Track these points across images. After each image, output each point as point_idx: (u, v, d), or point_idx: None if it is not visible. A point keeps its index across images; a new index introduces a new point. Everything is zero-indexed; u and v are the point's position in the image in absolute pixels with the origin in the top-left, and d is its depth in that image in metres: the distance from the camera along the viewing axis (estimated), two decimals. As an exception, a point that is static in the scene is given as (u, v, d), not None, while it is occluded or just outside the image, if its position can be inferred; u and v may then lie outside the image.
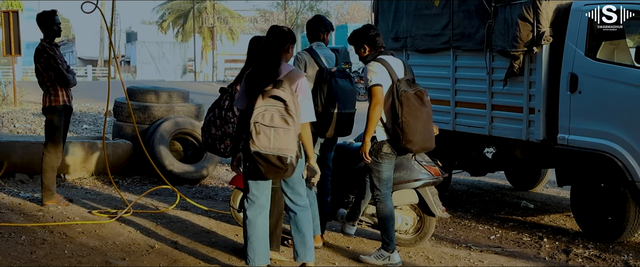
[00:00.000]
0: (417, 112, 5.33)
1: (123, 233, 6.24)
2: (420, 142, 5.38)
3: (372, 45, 5.59)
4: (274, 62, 4.80)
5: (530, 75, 7.08)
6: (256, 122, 4.54)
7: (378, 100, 5.34)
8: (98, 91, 24.56)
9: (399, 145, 5.38)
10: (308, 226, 5.00)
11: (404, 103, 5.30)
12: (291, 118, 4.57)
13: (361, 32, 5.64)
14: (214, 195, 8.47)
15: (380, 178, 5.54)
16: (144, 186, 8.69)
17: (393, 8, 8.94)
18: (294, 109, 4.60)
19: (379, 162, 5.50)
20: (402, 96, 5.31)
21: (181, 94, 9.96)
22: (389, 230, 5.57)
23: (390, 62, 5.49)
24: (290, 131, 4.55)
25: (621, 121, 6.33)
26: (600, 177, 6.59)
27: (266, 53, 4.85)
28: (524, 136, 7.18)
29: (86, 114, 16.68)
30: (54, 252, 5.56)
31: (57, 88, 6.92)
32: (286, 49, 4.89)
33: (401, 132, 5.31)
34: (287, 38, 4.89)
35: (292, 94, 4.65)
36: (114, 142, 9.18)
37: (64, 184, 8.43)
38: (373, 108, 5.35)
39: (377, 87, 5.37)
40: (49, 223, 6.36)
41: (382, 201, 5.57)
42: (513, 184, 9.55)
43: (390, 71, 5.41)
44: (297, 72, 4.84)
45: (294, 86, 4.72)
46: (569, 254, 6.32)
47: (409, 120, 5.29)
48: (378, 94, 5.35)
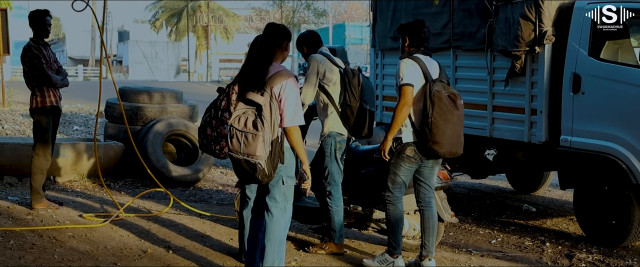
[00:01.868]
0: (448, 114, 5.21)
1: (115, 237, 6.22)
2: (448, 145, 5.25)
3: (413, 41, 5.47)
4: (264, 63, 4.77)
5: (532, 76, 7.09)
6: (232, 126, 4.59)
7: (406, 100, 5.27)
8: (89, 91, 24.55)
9: (425, 146, 5.26)
10: (273, 234, 4.86)
11: (435, 103, 5.19)
12: (262, 123, 4.54)
13: (412, 26, 5.52)
14: (208, 198, 8.46)
15: (395, 180, 5.45)
16: (136, 188, 8.67)
17: (392, 7, 8.95)
18: (267, 114, 4.57)
19: (399, 164, 5.41)
20: (434, 96, 5.21)
21: (174, 94, 9.95)
22: (396, 234, 5.51)
23: (426, 62, 5.41)
24: (259, 137, 4.51)
25: (625, 123, 6.33)
26: (604, 180, 6.59)
27: (260, 52, 4.84)
28: (525, 138, 7.19)
29: (77, 115, 16.66)
30: (43, 257, 5.54)
31: (44, 89, 6.91)
32: (283, 46, 4.88)
33: (429, 133, 5.20)
34: (284, 35, 4.88)
35: (271, 98, 4.61)
36: (105, 144, 9.16)
37: (54, 187, 8.41)
38: (400, 108, 5.28)
39: (407, 86, 5.28)
40: (38, 227, 6.34)
41: (393, 202, 5.49)
42: (514, 187, 9.56)
43: (424, 70, 5.34)
44: (283, 73, 4.71)
45: (277, 88, 4.64)
46: (572, 259, 6.32)
47: (439, 122, 5.18)
48: (407, 94, 5.27)
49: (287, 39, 4.89)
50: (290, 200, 4.92)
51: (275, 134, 4.61)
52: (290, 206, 4.92)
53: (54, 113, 7.00)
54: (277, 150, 4.64)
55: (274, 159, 4.64)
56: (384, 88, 9.25)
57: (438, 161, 5.52)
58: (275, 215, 4.87)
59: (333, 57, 5.94)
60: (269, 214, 4.89)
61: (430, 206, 5.53)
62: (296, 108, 4.69)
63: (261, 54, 4.80)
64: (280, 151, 4.68)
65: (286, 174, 4.82)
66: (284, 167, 4.80)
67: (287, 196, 4.88)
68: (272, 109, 4.59)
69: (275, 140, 4.62)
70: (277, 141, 4.64)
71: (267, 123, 4.55)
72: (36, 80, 6.89)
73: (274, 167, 4.65)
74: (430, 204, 5.54)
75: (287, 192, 4.88)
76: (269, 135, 4.56)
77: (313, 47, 6.04)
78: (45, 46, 7.06)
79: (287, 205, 4.89)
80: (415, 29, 5.49)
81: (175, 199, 7.58)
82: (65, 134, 13.28)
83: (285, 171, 4.82)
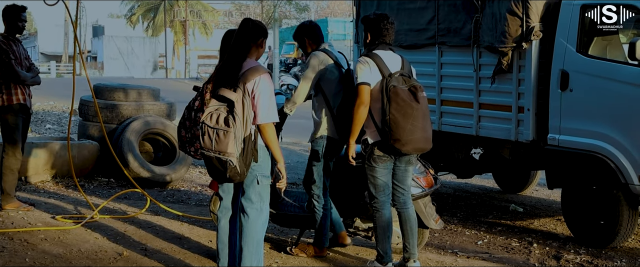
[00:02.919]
0: (407, 109, 5.10)
1: (89, 240, 6.19)
2: (411, 142, 5.14)
3: (374, 35, 5.40)
4: (238, 59, 4.78)
5: (519, 73, 7.12)
6: (203, 123, 4.62)
7: (362, 100, 5.21)
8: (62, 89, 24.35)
9: (388, 144, 5.19)
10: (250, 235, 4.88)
11: (392, 99, 5.11)
12: (233, 120, 4.56)
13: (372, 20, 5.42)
14: (186, 199, 8.43)
15: (375, 184, 5.36)
16: (112, 189, 8.63)
17: (375, 2, 8.96)
18: (239, 110, 4.58)
19: (373, 166, 5.33)
20: (390, 92, 5.12)
21: (151, 91, 9.90)
22: (384, 242, 5.41)
23: (384, 57, 5.32)
24: (230, 134, 4.53)
25: (614, 121, 6.38)
26: (592, 180, 6.64)
27: (235, 48, 4.84)
28: (512, 136, 7.23)
29: (49, 113, 16.55)
30: (14, 261, 5.50)
31: (11, 86, 6.85)
32: (259, 43, 4.87)
33: (389, 131, 5.11)
34: (260, 32, 4.87)
35: (244, 94, 4.62)
36: (79, 143, 9.11)
37: (26, 188, 8.35)
38: (356, 108, 5.23)
39: (362, 85, 5.22)
40: (9, 229, 6.29)
41: (379, 209, 5.39)
42: (501, 186, 9.61)
43: (381, 66, 5.25)
44: (257, 69, 4.72)
45: (250, 84, 4.65)
46: (559, 260, 6.36)
47: (397, 118, 5.08)
48: (363, 93, 5.21)
49: (263, 36, 4.89)
50: (266, 200, 4.91)
51: (248, 131, 4.62)
52: (266, 206, 4.92)
53: (22, 112, 6.94)
54: (249, 148, 4.65)
55: (247, 157, 4.64)
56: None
57: (410, 160, 5.45)
58: (251, 216, 4.87)
59: (337, 57, 5.86)
60: (245, 216, 4.90)
61: (406, 207, 5.49)
62: (270, 105, 4.70)
63: (235, 50, 4.81)
64: (253, 149, 4.69)
65: (261, 174, 4.82)
66: (258, 166, 4.80)
67: (262, 196, 4.88)
68: (245, 106, 4.61)
69: (248, 137, 4.63)
70: (250, 138, 4.65)
71: (239, 120, 4.57)
72: (4, 77, 6.83)
73: (247, 166, 4.66)
74: (407, 205, 5.50)
75: (263, 192, 4.88)
76: (240, 132, 4.58)
77: (316, 40, 5.93)
78: (15, 42, 7.00)
79: (263, 205, 4.89)
80: (375, 23, 5.40)
81: (152, 200, 7.55)
82: (38, 133, 13.18)
83: (260, 170, 4.82)
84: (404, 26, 8.41)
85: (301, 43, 6.02)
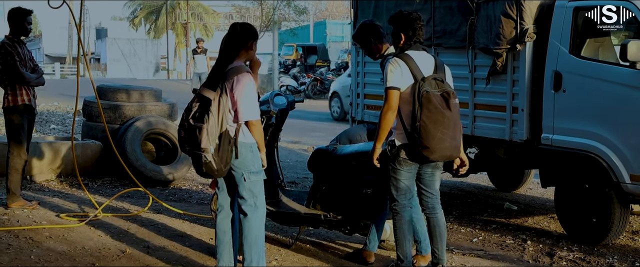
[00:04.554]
0: (438, 115, 4.86)
1: (93, 237, 6.18)
2: (440, 149, 4.91)
3: (407, 36, 5.14)
4: (224, 62, 4.84)
5: (513, 74, 7.12)
6: (186, 120, 4.75)
7: (391, 105, 4.94)
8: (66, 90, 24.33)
9: (416, 151, 4.96)
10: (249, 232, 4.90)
11: (423, 105, 4.84)
12: (207, 117, 4.64)
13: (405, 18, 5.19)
14: (187, 197, 8.42)
15: (397, 187, 5.14)
16: (115, 188, 8.62)
17: (372, 5, 8.96)
18: (215, 108, 4.67)
19: (397, 168, 5.10)
20: (423, 97, 4.85)
21: (153, 92, 9.90)
22: (404, 245, 5.20)
23: (417, 58, 5.04)
24: (204, 129, 4.63)
25: (606, 120, 6.38)
26: (584, 178, 6.64)
27: (223, 52, 4.91)
28: (507, 136, 7.23)
29: (54, 114, 16.52)
30: (19, 258, 5.50)
31: (16, 87, 6.85)
32: (248, 46, 4.90)
33: (418, 137, 4.86)
34: (249, 35, 4.90)
35: (222, 92, 4.71)
36: (83, 143, 9.10)
37: (31, 186, 8.34)
38: (384, 113, 4.97)
39: (391, 90, 4.95)
40: (14, 227, 6.28)
41: (399, 212, 5.18)
42: (496, 185, 9.61)
43: (413, 69, 4.97)
44: (237, 69, 4.78)
45: (230, 83, 4.73)
46: (553, 257, 6.36)
47: (428, 125, 4.83)
48: (392, 98, 4.94)
49: (252, 38, 4.92)
50: (259, 195, 4.93)
51: (224, 128, 4.69)
52: (260, 201, 4.94)
53: (27, 112, 6.94)
54: (225, 144, 4.70)
55: (222, 154, 4.70)
56: (364, 86, 9.25)
57: (437, 165, 5.25)
58: (247, 213, 4.92)
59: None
60: (242, 215, 4.95)
61: (435, 212, 5.31)
62: (250, 102, 4.76)
63: (223, 54, 4.90)
64: (230, 146, 4.73)
65: (246, 170, 4.86)
66: (242, 164, 4.84)
67: (254, 192, 4.91)
68: (221, 104, 4.70)
69: (225, 134, 4.70)
70: (227, 135, 4.71)
71: (213, 117, 4.65)
72: (9, 79, 6.84)
73: (224, 162, 4.72)
74: (436, 210, 5.31)
75: (254, 188, 4.90)
76: (214, 128, 4.65)
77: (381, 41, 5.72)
78: (20, 44, 7.00)
79: (257, 201, 4.92)
80: (408, 21, 5.15)
81: (155, 198, 7.55)
82: (42, 133, 13.16)
83: (244, 167, 4.86)
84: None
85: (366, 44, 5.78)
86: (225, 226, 5.10)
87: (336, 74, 26.36)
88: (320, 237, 6.62)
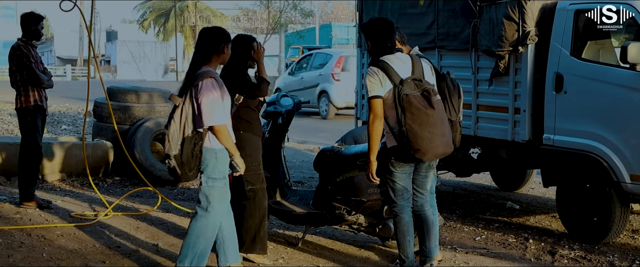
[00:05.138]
0: (422, 116, 4.83)
1: (103, 236, 6.21)
2: (431, 148, 4.88)
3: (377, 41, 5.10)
4: (194, 68, 4.85)
5: (515, 75, 7.12)
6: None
7: (376, 114, 4.91)
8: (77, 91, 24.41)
9: (408, 154, 4.94)
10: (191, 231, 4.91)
11: (406, 109, 4.82)
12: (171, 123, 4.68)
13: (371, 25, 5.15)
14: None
15: (394, 189, 5.12)
16: (125, 187, 8.65)
17: (377, 7, 8.97)
18: (177, 115, 4.68)
19: (392, 171, 5.08)
20: (403, 101, 4.83)
21: (162, 94, 9.92)
22: (405, 246, 5.16)
23: (393, 63, 5.00)
24: (166, 136, 4.68)
25: (606, 121, 6.38)
26: (585, 178, 6.64)
27: (193, 58, 4.92)
28: (509, 136, 7.22)
29: (65, 115, 16.58)
30: (31, 256, 5.52)
31: (28, 88, 6.90)
32: (220, 50, 4.88)
33: (407, 141, 4.85)
34: (221, 39, 4.89)
35: (186, 98, 4.72)
36: (93, 143, 9.13)
37: (43, 186, 8.38)
38: (371, 123, 4.93)
39: (373, 99, 4.92)
40: (27, 226, 6.31)
41: (398, 213, 5.15)
42: (498, 184, 9.60)
43: (391, 74, 4.93)
44: (203, 75, 4.75)
45: (195, 89, 4.71)
46: (554, 255, 6.36)
47: (414, 128, 4.81)
48: (376, 107, 4.91)
49: (223, 42, 4.89)
50: (213, 202, 4.86)
51: (187, 133, 4.67)
52: (213, 207, 4.87)
53: (39, 112, 6.98)
54: (188, 150, 4.67)
55: (186, 159, 4.68)
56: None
57: (431, 164, 5.25)
58: (197, 215, 4.92)
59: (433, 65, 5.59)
60: (193, 214, 5.00)
61: (424, 209, 5.31)
62: (212, 108, 4.68)
63: (193, 60, 4.90)
64: (192, 151, 4.70)
65: (206, 176, 4.84)
66: (204, 169, 4.83)
67: (209, 198, 4.86)
68: (183, 110, 4.69)
69: (188, 139, 4.67)
70: (191, 140, 4.67)
71: (174, 123, 4.67)
72: (23, 80, 6.89)
73: (189, 168, 4.71)
74: (425, 208, 5.31)
75: (209, 194, 4.86)
76: (176, 134, 4.66)
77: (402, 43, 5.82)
78: (32, 47, 7.05)
79: (210, 207, 4.87)
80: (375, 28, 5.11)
81: (164, 197, 7.57)
82: (54, 134, 13.21)
83: (205, 172, 4.83)
84: (405, 30, 8.40)
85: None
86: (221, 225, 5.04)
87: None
88: (326, 236, 6.64)
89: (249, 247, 5.58)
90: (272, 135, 6.33)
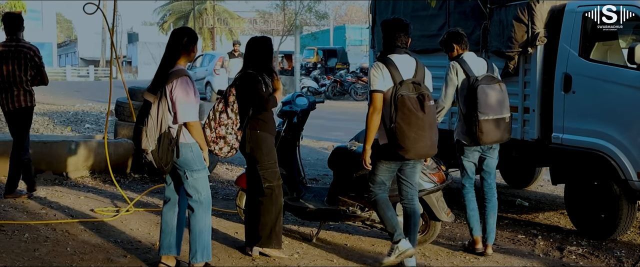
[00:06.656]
0: (412, 118, 4.95)
1: (125, 231, 6.24)
2: (415, 148, 5.00)
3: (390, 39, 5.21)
4: (165, 67, 4.90)
5: (525, 76, 7.09)
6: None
7: (375, 107, 5.03)
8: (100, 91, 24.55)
9: (393, 151, 5.07)
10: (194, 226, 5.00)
11: (398, 108, 4.94)
12: (147, 120, 4.76)
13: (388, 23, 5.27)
14: (213, 193, 8.45)
15: (374, 180, 5.28)
16: (145, 184, 8.69)
17: (390, 9, 8.95)
18: (154, 111, 4.77)
19: (377, 164, 5.22)
20: (398, 100, 4.95)
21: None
22: (388, 222, 5.27)
23: (399, 61, 5.12)
24: (143, 131, 4.76)
25: (614, 121, 6.34)
26: (593, 176, 6.60)
27: (164, 57, 4.97)
28: (519, 135, 7.19)
29: (88, 114, 16.67)
30: (56, 250, 5.56)
31: (31, 88, 7.12)
32: (190, 49, 4.95)
33: (394, 138, 4.99)
34: (190, 40, 4.95)
35: (161, 96, 4.78)
36: (115, 141, 9.18)
37: (67, 183, 8.43)
38: (370, 115, 5.06)
39: (375, 93, 5.05)
40: (51, 221, 6.36)
41: (374, 197, 5.31)
42: (508, 182, 9.56)
43: (393, 72, 5.05)
44: (176, 73, 4.83)
45: (169, 87, 4.78)
46: (562, 252, 6.33)
47: (402, 127, 4.94)
48: (376, 100, 5.03)
49: (192, 42, 4.96)
50: (203, 191, 4.98)
51: (163, 129, 4.75)
52: (204, 197, 4.99)
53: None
54: (165, 145, 4.76)
55: (162, 154, 4.76)
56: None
57: (415, 163, 5.34)
58: (193, 209, 4.98)
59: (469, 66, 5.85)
60: (189, 210, 5.04)
61: (412, 203, 5.39)
62: (186, 105, 4.79)
63: (164, 58, 4.95)
64: (170, 146, 4.78)
65: (188, 169, 4.92)
66: (183, 163, 4.90)
67: (198, 189, 4.97)
68: (159, 107, 4.77)
69: (164, 135, 4.76)
70: (167, 136, 4.77)
71: (152, 119, 4.76)
72: (33, 80, 7.07)
73: (164, 162, 4.78)
74: (413, 201, 5.39)
75: (197, 185, 4.96)
76: (153, 130, 4.75)
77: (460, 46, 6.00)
78: None
79: (201, 197, 4.98)
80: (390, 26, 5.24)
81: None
82: (78, 132, 13.29)
83: (186, 166, 4.91)
84: (416, 32, 8.37)
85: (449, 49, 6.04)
86: (168, 217, 5.14)
87: (355, 76, 26.28)
88: (340, 231, 6.63)
89: (265, 241, 5.60)
90: (287, 133, 6.34)
